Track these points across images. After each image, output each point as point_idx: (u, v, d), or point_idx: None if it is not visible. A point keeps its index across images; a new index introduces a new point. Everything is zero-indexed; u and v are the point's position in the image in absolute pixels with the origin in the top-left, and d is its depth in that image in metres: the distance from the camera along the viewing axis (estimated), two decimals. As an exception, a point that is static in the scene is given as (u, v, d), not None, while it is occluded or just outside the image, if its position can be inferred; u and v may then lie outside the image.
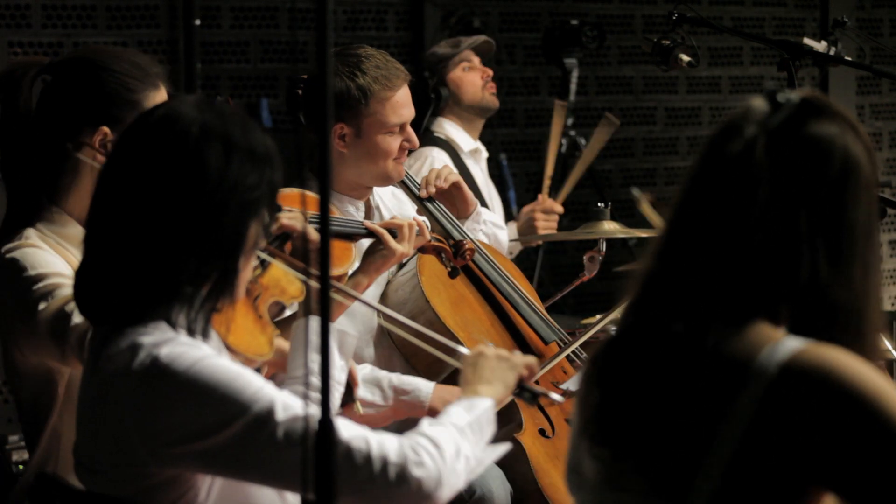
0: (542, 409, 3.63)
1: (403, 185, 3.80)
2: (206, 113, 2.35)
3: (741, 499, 1.81)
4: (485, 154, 5.50)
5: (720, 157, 1.93)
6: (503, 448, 2.54)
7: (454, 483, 2.34)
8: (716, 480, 1.81)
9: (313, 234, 2.82)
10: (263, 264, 2.64)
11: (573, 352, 3.70)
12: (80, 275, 2.39)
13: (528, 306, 3.78)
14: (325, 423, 1.94)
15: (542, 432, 3.58)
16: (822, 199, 1.89)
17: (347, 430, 2.28)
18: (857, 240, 1.90)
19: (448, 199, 3.87)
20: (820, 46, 4.26)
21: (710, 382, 1.85)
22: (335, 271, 3.23)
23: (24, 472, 2.95)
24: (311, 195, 3.29)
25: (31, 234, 2.87)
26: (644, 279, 1.97)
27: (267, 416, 2.23)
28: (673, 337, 1.90)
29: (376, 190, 3.76)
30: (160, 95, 2.94)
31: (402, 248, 3.31)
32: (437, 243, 3.44)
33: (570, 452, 2.01)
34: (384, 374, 3.51)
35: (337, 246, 3.25)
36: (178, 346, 2.27)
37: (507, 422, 3.56)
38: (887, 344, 4.73)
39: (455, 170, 3.95)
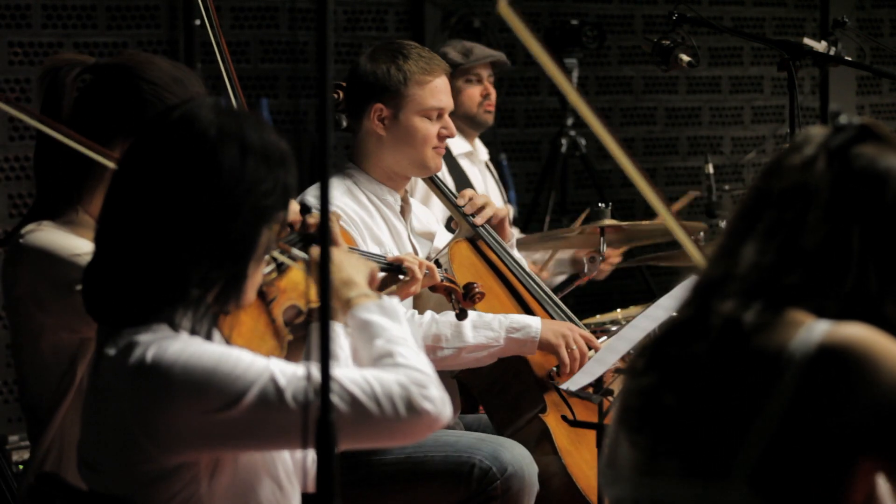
0: (563, 397, 3.70)
1: (438, 190, 3.87)
2: (222, 115, 2.35)
3: (783, 476, 1.85)
4: (483, 157, 5.50)
5: (780, 169, 2.02)
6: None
7: (437, 383, 2.36)
8: (757, 459, 1.85)
9: (339, 240, 2.80)
10: (281, 267, 2.63)
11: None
12: (90, 273, 2.39)
13: (552, 302, 3.86)
14: (325, 422, 1.94)
15: (563, 418, 3.66)
16: (877, 221, 1.96)
17: (346, 375, 2.30)
18: None
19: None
20: (820, 46, 4.26)
21: (749, 366, 1.90)
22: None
23: (29, 465, 2.95)
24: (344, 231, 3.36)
25: (47, 224, 2.88)
26: (705, 278, 2.04)
27: (271, 386, 2.26)
28: (714, 325, 1.96)
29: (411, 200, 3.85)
30: None
31: (414, 286, 3.35)
32: (448, 284, 3.45)
33: (605, 448, 2.05)
34: (491, 315, 3.63)
35: None
36: (165, 340, 2.29)
37: (532, 407, 3.63)
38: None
39: (492, 202, 3.95)
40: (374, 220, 3.71)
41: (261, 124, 2.38)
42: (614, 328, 4.09)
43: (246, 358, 2.28)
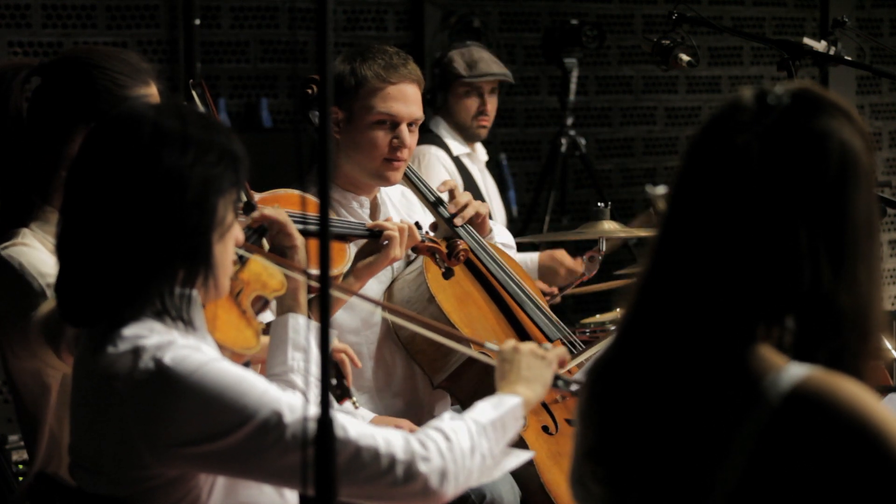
0: (545, 406, 3.63)
1: (418, 192, 3.76)
2: (160, 112, 2.37)
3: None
4: (483, 157, 5.51)
5: (708, 165, 1.84)
6: (527, 455, 2.54)
7: (463, 479, 2.34)
8: (733, 489, 1.76)
9: (291, 228, 2.81)
10: (242, 259, 2.65)
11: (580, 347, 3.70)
12: (59, 281, 2.40)
13: (532, 304, 3.78)
14: (325, 421, 1.94)
15: (545, 429, 3.59)
16: (821, 201, 1.80)
17: (354, 428, 2.29)
18: (860, 238, 1.82)
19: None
20: (820, 46, 4.26)
21: (713, 409, 1.79)
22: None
23: (26, 476, 2.95)
24: (311, 198, 3.29)
25: (25, 234, 2.88)
26: (638, 294, 1.89)
27: (275, 419, 2.25)
28: (672, 358, 1.83)
29: (384, 189, 3.75)
30: (150, 91, 2.95)
31: (394, 251, 3.31)
32: (430, 244, 3.43)
33: (574, 468, 1.95)
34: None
35: (333, 247, 3.25)
36: (181, 349, 2.28)
37: None
38: (887, 344, 4.73)
39: (473, 200, 3.87)
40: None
41: (202, 117, 2.40)
42: (614, 328, 4.07)
43: (259, 387, 2.28)
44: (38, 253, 2.85)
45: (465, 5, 6.56)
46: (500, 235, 3.98)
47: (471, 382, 3.58)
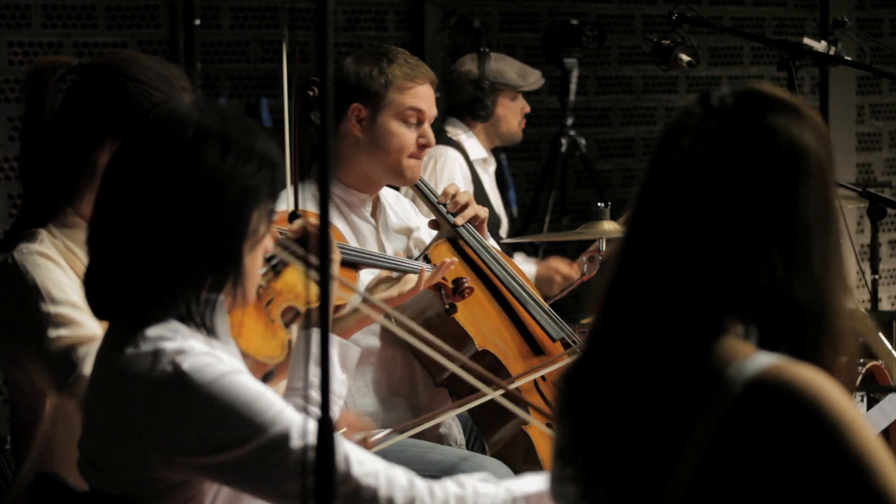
0: (549, 403, 3.66)
1: (419, 192, 3.80)
2: (203, 111, 2.36)
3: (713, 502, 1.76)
4: (493, 164, 5.56)
5: (662, 171, 1.87)
6: None
7: None
8: (680, 498, 1.76)
9: (333, 245, 2.79)
10: (276, 269, 2.63)
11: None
12: (88, 274, 2.40)
13: (535, 304, 3.80)
14: (325, 421, 1.94)
15: (549, 426, 3.62)
16: (770, 198, 1.82)
17: (359, 463, 2.28)
18: (812, 232, 1.82)
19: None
20: (820, 46, 4.26)
21: (676, 399, 1.80)
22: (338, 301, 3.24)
23: (17, 477, 2.93)
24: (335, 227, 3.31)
25: (43, 238, 2.85)
26: (605, 299, 1.91)
27: (283, 440, 2.24)
28: (640, 356, 1.84)
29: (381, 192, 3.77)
30: None
31: (413, 292, 3.33)
32: (437, 279, 3.44)
33: (552, 467, 1.97)
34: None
35: (344, 274, 3.23)
36: (201, 357, 2.27)
37: (512, 416, 3.60)
38: (886, 344, 4.73)
39: (473, 201, 3.90)
40: (337, 224, 3.63)
41: (244, 121, 2.40)
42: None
43: (276, 406, 2.27)
44: (56, 270, 2.82)
45: (465, 5, 6.56)
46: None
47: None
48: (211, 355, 2.28)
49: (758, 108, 1.85)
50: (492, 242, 3.93)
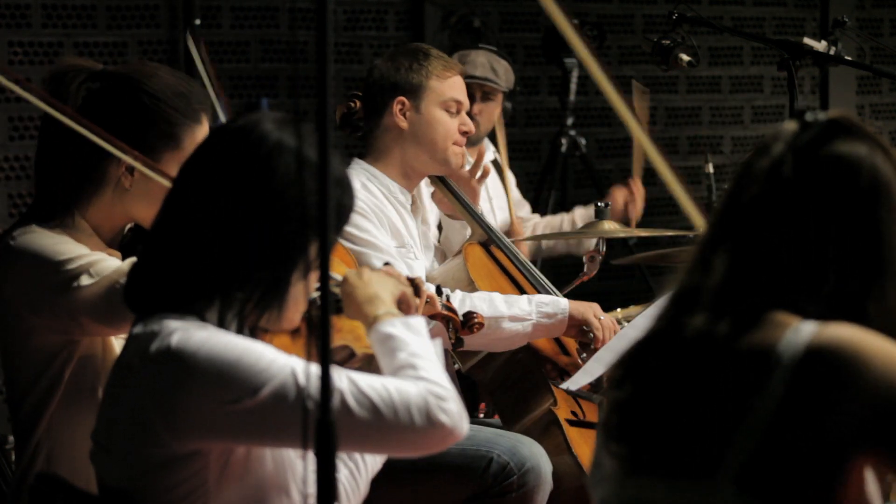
0: (574, 397, 3.76)
1: (452, 194, 4.02)
2: (283, 128, 2.38)
3: (772, 476, 1.84)
4: (489, 156, 5.53)
5: (750, 173, 1.99)
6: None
7: (460, 406, 2.37)
8: (745, 459, 1.84)
9: (428, 295, 2.81)
10: (340, 305, 2.62)
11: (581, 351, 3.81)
12: (136, 269, 2.44)
13: (548, 292, 3.93)
14: (325, 422, 1.94)
15: (574, 414, 3.68)
16: (852, 215, 1.94)
17: (364, 379, 2.31)
18: (890, 258, 1.93)
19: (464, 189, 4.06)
20: (820, 46, 4.26)
21: (734, 368, 1.89)
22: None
23: (18, 465, 2.94)
24: (343, 253, 3.41)
25: (37, 228, 2.88)
26: (680, 288, 2.02)
27: (290, 382, 2.27)
28: (695, 332, 1.94)
29: (421, 191, 3.93)
30: (202, 130, 2.93)
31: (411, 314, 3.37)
32: (447, 313, 3.46)
33: (594, 450, 2.04)
34: (519, 296, 3.75)
35: None
36: (189, 329, 2.31)
37: (540, 403, 3.67)
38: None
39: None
40: (390, 212, 3.76)
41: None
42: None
43: (269, 354, 2.30)
44: (52, 238, 2.85)
45: (465, 5, 6.56)
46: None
47: (497, 371, 3.69)
48: (195, 326, 2.32)
49: (848, 134, 1.99)
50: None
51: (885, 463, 1.86)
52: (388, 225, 3.73)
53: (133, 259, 2.55)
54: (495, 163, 6.21)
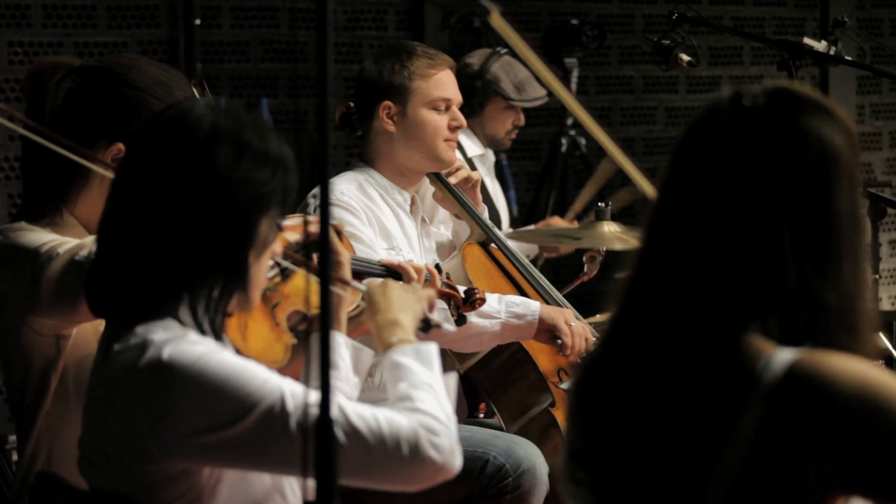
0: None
1: (451, 193, 3.94)
2: (218, 113, 2.35)
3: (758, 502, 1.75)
4: (492, 159, 5.53)
5: (687, 170, 1.86)
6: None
7: (454, 442, 2.33)
8: (728, 489, 1.75)
9: (336, 244, 2.80)
10: (285, 273, 2.63)
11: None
12: (92, 271, 2.40)
13: (549, 292, 3.89)
14: (325, 422, 1.94)
15: None
16: (802, 199, 1.80)
17: (354, 408, 2.28)
18: (843, 235, 1.80)
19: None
20: (820, 46, 4.26)
21: (704, 404, 1.77)
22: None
23: (19, 465, 2.94)
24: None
25: (21, 223, 2.89)
26: (625, 295, 1.89)
27: (279, 406, 2.24)
28: (661, 357, 1.82)
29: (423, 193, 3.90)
30: None
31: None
32: (448, 290, 3.44)
33: (564, 465, 1.95)
34: (496, 295, 3.69)
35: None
36: (182, 342, 2.28)
37: (538, 404, 3.67)
38: (887, 343, 4.73)
39: (466, 166, 4.04)
40: (384, 213, 3.73)
41: (259, 124, 2.39)
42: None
43: (261, 375, 2.27)
44: (35, 233, 2.85)
45: (465, 5, 6.56)
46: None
47: (495, 372, 3.68)
48: (188, 340, 2.29)
49: (790, 109, 1.83)
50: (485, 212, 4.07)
51: (865, 494, 1.75)
52: (378, 226, 3.71)
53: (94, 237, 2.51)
54: (498, 163, 6.23)
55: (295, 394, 2.25)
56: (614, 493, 1.85)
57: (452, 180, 3.89)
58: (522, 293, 3.87)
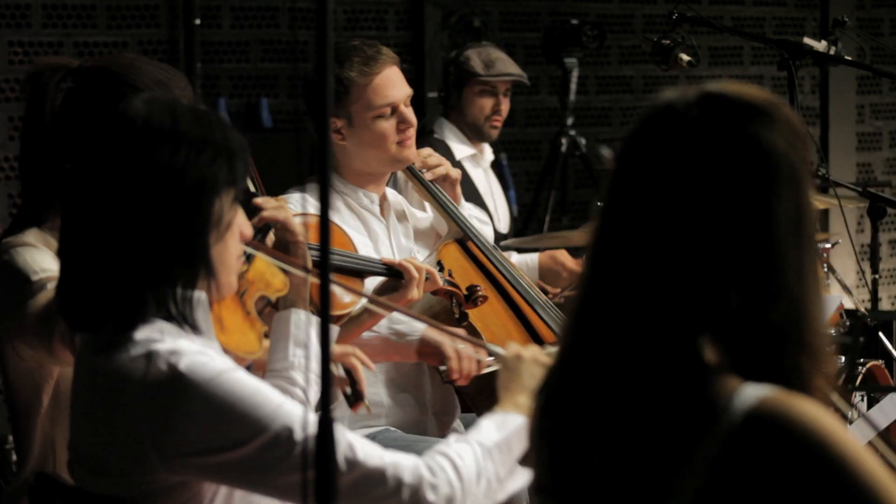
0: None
1: (426, 191, 3.83)
2: (153, 108, 2.35)
3: None
4: (488, 157, 5.48)
5: (625, 184, 1.76)
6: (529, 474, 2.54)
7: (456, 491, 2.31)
8: None
9: (295, 226, 2.81)
10: (248, 259, 2.63)
11: None
12: (61, 287, 2.39)
13: (542, 303, 3.83)
14: (325, 422, 1.94)
15: None
16: (738, 210, 1.69)
17: (363, 449, 2.27)
18: (785, 246, 1.70)
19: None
20: (820, 46, 4.26)
21: (664, 435, 1.70)
22: (339, 311, 3.23)
23: (18, 475, 2.94)
24: (313, 221, 3.29)
25: (33, 233, 2.87)
26: (573, 318, 1.81)
27: (286, 435, 2.23)
28: (611, 383, 1.74)
29: (390, 194, 3.80)
30: None
31: (412, 292, 3.30)
32: (449, 287, 3.42)
33: (531, 497, 1.94)
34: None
35: (347, 282, 3.23)
36: (196, 356, 2.26)
37: None
38: (887, 343, 4.73)
39: (447, 163, 3.96)
40: (347, 221, 3.64)
41: (197, 112, 2.39)
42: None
43: (274, 400, 2.27)
44: (35, 251, 2.84)
45: (465, 5, 6.56)
46: (469, 208, 4.07)
47: (476, 381, 3.62)
48: (205, 354, 2.27)
49: (724, 115, 1.72)
50: (467, 208, 3.97)
51: None
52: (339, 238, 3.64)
53: None
54: (498, 163, 6.23)
55: (305, 423, 2.24)
56: None
57: (428, 176, 3.80)
58: (501, 290, 3.81)
